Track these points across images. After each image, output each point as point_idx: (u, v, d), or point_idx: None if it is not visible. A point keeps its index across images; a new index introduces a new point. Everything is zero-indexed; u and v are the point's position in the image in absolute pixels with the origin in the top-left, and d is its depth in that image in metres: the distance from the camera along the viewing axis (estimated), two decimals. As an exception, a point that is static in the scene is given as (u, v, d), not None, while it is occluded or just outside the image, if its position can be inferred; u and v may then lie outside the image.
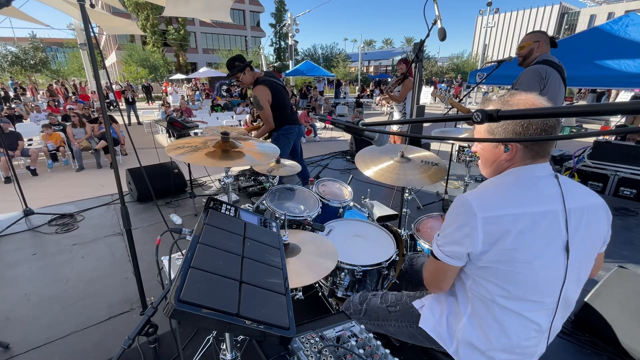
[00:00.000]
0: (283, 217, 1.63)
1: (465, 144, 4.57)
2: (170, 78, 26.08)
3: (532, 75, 2.46)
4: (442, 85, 21.32)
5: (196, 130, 4.43)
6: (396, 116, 4.77)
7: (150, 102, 18.98)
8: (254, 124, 3.59)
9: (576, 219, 0.96)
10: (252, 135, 3.47)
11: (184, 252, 0.96)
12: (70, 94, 17.05)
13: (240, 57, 3.25)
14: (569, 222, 0.95)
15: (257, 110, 3.27)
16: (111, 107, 14.84)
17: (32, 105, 11.87)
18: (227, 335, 0.93)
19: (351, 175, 3.41)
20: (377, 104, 17.65)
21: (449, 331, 1.12)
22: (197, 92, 18.66)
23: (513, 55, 2.77)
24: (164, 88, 21.46)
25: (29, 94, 17.56)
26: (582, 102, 15.44)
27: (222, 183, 2.22)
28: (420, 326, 1.19)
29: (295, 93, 15.52)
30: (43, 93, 17.04)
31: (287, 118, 3.37)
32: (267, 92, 3.17)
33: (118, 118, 8.37)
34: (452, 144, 4.17)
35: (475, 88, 4.90)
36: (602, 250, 1.07)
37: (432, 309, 1.20)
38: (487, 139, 1.05)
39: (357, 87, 27.24)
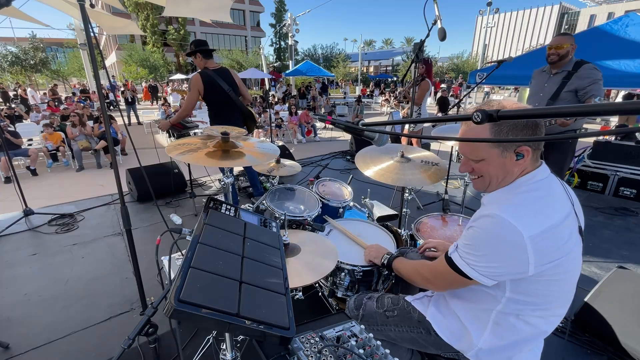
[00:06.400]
0: (283, 217, 1.63)
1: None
2: (170, 78, 26.04)
3: (596, 71, 2.57)
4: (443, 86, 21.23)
5: (196, 130, 4.44)
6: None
7: (155, 101, 18.08)
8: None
9: (578, 210, 0.97)
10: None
11: (184, 252, 0.96)
12: (71, 94, 16.99)
13: (201, 42, 3.31)
14: (577, 214, 0.95)
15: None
16: (111, 108, 14.81)
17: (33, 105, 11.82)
18: (227, 335, 0.93)
19: (351, 175, 3.41)
20: (381, 106, 17.89)
21: (467, 337, 1.06)
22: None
23: (513, 55, 2.79)
24: (165, 90, 21.15)
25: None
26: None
27: (222, 183, 2.22)
28: (428, 319, 1.14)
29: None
30: (45, 93, 16.80)
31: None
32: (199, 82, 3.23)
33: (118, 118, 8.37)
34: (453, 144, 4.15)
35: (475, 88, 4.89)
36: None
37: (438, 306, 1.16)
38: (488, 139, 0.95)
39: (357, 88, 27.22)
